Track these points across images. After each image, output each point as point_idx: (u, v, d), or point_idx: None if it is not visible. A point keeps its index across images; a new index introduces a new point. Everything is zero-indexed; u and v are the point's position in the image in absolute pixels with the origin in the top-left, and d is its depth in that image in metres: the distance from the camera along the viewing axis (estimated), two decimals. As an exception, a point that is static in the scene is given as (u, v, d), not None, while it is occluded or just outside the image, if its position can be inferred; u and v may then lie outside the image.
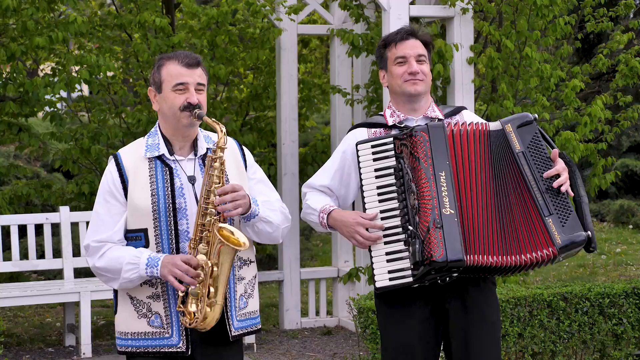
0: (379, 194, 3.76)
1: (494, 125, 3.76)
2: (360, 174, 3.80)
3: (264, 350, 7.56)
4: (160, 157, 3.60)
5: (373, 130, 3.94)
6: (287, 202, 7.93)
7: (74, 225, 8.01)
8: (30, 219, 7.91)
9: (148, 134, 3.70)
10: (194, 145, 3.66)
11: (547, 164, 3.71)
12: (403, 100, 3.92)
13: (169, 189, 3.55)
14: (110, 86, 8.99)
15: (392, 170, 3.73)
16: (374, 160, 3.78)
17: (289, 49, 8.24)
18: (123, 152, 3.66)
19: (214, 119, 3.54)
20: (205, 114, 3.55)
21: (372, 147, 3.79)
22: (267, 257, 10.74)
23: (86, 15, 9.11)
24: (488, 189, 3.69)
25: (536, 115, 3.79)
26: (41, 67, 9.60)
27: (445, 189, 3.64)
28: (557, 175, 3.69)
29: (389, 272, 3.69)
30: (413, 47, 3.88)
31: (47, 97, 8.08)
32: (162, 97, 3.60)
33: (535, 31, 7.18)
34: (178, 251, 3.56)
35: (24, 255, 7.96)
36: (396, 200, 3.72)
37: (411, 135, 3.71)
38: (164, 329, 3.57)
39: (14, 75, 7.78)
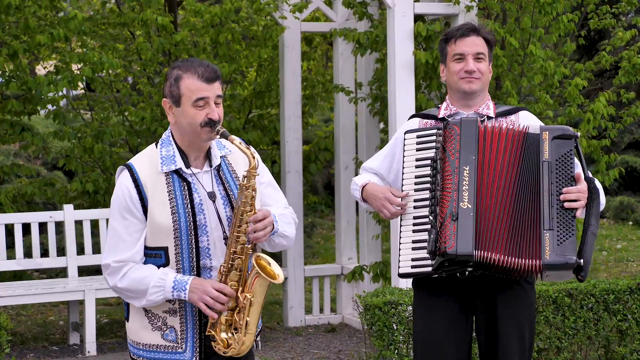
0: (415, 184, 3.81)
1: (533, 129, 3.75)
2: (403, 162, 3.87)
3: (269, 348, 7.56)
4: (177, 172, 3.49)
5: (425, 121, 3.99)
6: (291, 199, 7.93)
7: (78, 224, 7.99)
8: (34, 217, 7.88)
9: (160, 142, 3.56)
10: (208, 155, 3.55)
11: (569, 182, 3.68)
12: (458, 97, 3.95)
13: (189, 205, 3.45)
14: (113, 84, 8.98)
15: (429, 162, 3.77)
16: (417, 150, 3.83)
17: (293, 46, 8.24)
18: (137, 164, 3.51)
19: (242, 142, 3.45)
20: (228, 132, 3.44)
21: (418, 137, 3.85)
22: (271, 255, 10.72)
23: (88, 13, 9.10)
24: (509, 188, 3.70)
25: (578, 134, 3.76)
26: (43, 65, 9.58)
27: (467, 183, 3.66)
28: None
29: (412, 259, 3.76)
30: (472, 45, 3.88)
31: (50, 94, 8.07)
32: (180, 111, 3.46)
33: (539, 28, 7.19)
34: (199, 268, 3.48)
35: (27, 253, 7.94)
36: (428, 191, 3.76)
37: (445, 128, 3.75)
38: (178, 343, 3.49)
39: (17, 73, 7.76)
